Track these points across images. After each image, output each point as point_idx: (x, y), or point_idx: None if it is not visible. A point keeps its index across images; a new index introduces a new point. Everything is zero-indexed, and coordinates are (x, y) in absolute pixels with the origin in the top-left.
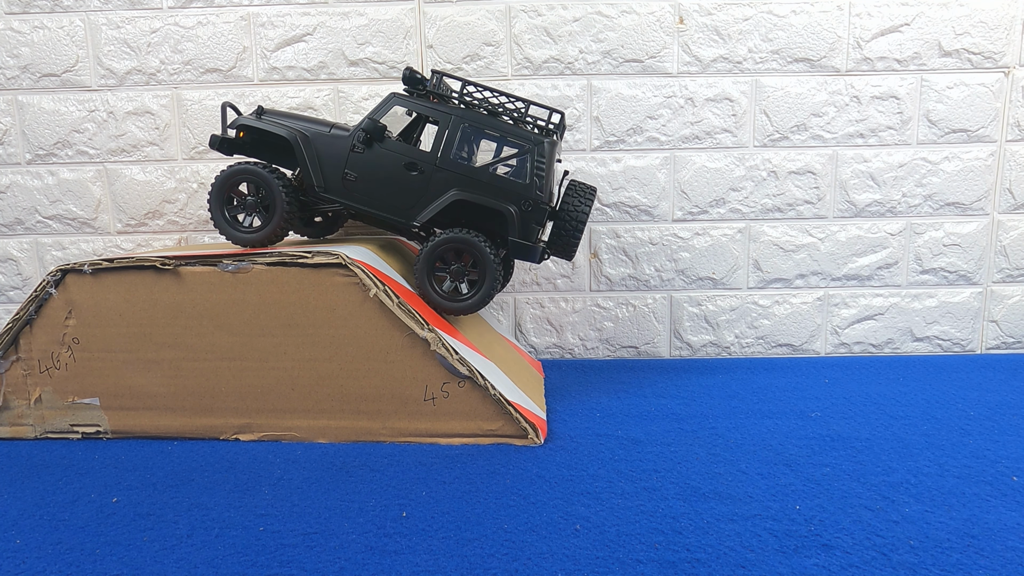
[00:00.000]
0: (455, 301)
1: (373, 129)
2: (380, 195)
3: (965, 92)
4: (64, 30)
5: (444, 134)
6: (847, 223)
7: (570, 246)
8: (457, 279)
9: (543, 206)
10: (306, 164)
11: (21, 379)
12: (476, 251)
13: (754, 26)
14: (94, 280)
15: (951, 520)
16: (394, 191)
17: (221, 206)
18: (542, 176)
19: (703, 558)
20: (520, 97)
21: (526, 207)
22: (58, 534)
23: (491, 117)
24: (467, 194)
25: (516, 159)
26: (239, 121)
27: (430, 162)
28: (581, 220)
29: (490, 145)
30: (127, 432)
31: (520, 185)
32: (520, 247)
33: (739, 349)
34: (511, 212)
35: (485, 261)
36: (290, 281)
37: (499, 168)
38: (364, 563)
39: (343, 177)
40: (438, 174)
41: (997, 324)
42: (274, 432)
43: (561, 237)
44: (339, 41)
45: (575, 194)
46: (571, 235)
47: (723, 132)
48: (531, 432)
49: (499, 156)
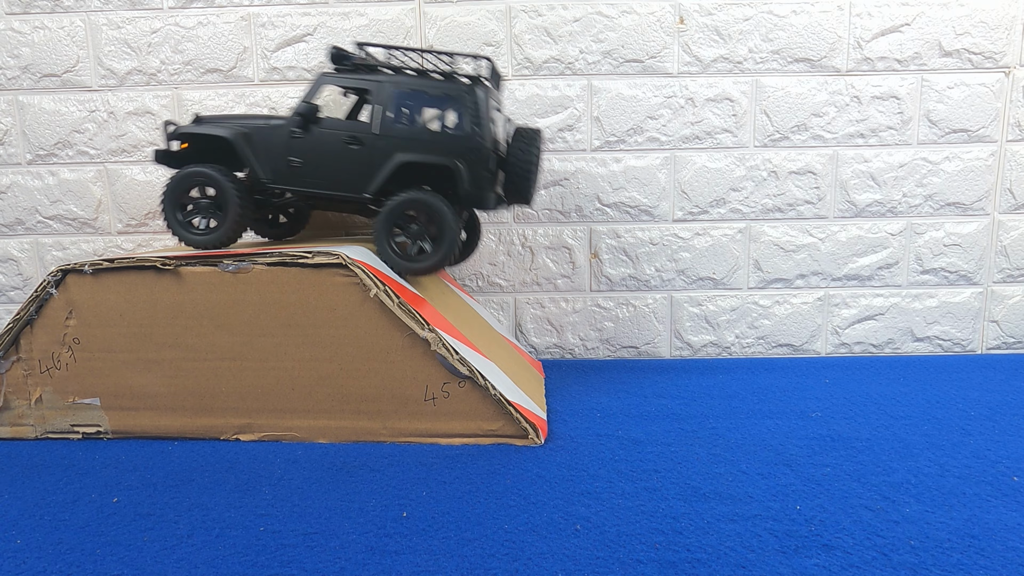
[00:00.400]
0: (415, 262)
1: (307, 111)
2: (327, 175)
3: (966, 92)
4: (65, 30)
5: (376, 102)
6: (847, 223)
7: (523, 191)
8: (418, 239)
9: (488, 153)
10: (250, 159)
11: (22, 379)
12: (432, 208)
13: (754, 26)
14: (94, 280)
15: (952, 520)
16: (340, 168)
17: (175, 210)
18: (479, 123)
19: (703, 558)
20: (443, 50)
21: (471, 157)
22: (58, 534)
23: (419, 77)
24: (410, 155)
25: (453, 113)
26: (179, 131)
27: (369, 132)
28: (529, 162)
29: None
30: (128, 432)
31: (461, 137)
32: (472, 196)
33: (739, 349)
34: (457, 165)
35: (443, 218)
36: (290, 281)
37: (439, 125)
38: (365, 563)
39: (288, 165)
40: (379, 143)
41: (998, 324)
42: (274, 432)
43: (513, 183)
44: (339, 41)
45: (520, 139)
46: (522, 179)
47: (723, 132)
48: (531, 432)
49: (434, 113)
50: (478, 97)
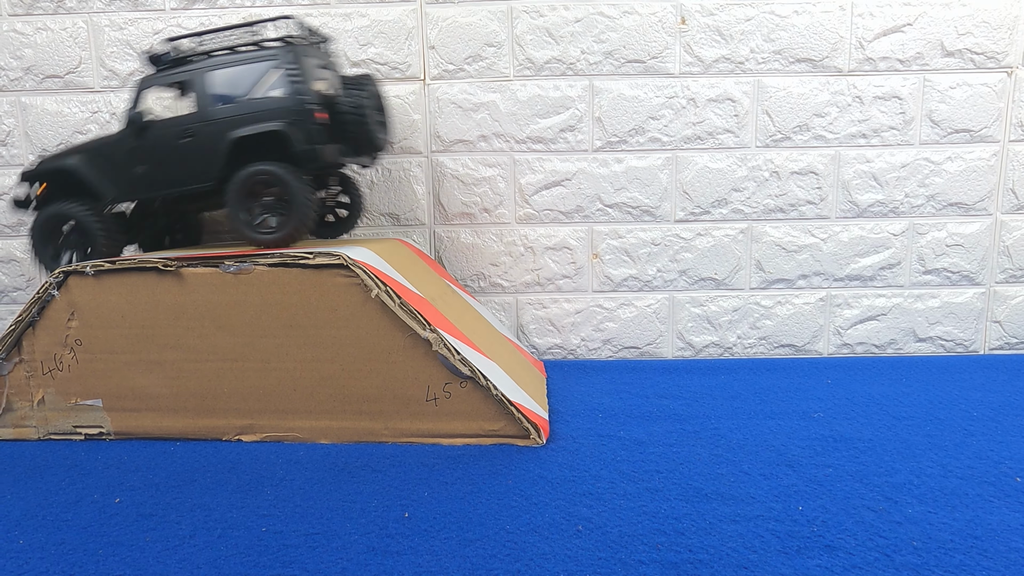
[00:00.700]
0: (271, 233)
1: (133, 119)
2: (173, 173)
3: (968, 92)
4: (67, 31)
5: (196, 90)
6: (849, 223)
7: (364, 137)
8: (270, 212)
9: (316, 109)
10: (96, 183)
11: (24, 381)
12: (276, 177)
13: (756, 26)
14: (96, 282)
15: (954, 521)
16: (181, 163)
17: (46, 248)
18: (298, 81)
19: (705, 559)
20: (243, 23)
21: (297, 117)
22: (61, 535)
23: (230, 54)
24: (239, 130)
25: (273, 78)
26: (26, 175)
27: (198, 121)
28: (360, 106)
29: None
30: (130, 433)
31: (284, 99)
32: (308, 154)
33: (741, 350)
34: (284, 128)
35: (289, 186)
36: (292, 282)
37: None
38: (366, 564)
39: (132, 176)
40: (207, 128)
41: (1000, 325)
42: (276, 433)
43: (353, 132)
44: (341, 42)
45: (348, 86)
46: (358, 125)
47: (725, 133)
48: (533, 432)
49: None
50: (290, 57)
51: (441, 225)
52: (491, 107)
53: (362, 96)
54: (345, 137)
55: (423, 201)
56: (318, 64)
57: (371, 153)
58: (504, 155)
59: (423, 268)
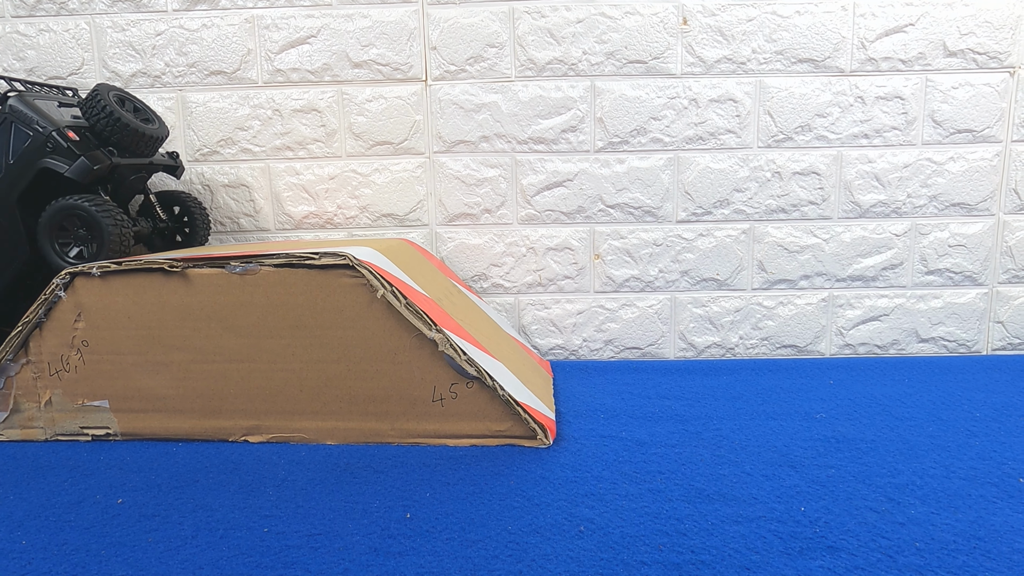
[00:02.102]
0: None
1: None
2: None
3: (970, 92)
4: (70, 33)
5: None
6: (852, 224)
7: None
8: (84, 244)
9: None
10: None
11: (31, 382)
12: (81, 211)
13: (758, 27)
14: (102, 283)
15: (957, 522)
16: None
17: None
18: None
19: (708, 560)
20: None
21: (52, 146)
22: (63, 535)
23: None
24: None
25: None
26: None
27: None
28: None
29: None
30: (137, 434)
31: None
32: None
33: (743, 350)
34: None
35: (93, 219)
36: (297, 283)
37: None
38: (368, 564)
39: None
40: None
41: (1003, 325)
42: (282, 434)
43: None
44: (343, 43)
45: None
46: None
47: (727, 133)
48: (540, 433)
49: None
50: (16, 107)
51: (443, 226)
52: (493, 108)
53: (101, 103)
54: (111, 141)
55: (425, 202)
56: (47, 100)
57: (145, 147)
58: (506, 156)
59: (429, 268)
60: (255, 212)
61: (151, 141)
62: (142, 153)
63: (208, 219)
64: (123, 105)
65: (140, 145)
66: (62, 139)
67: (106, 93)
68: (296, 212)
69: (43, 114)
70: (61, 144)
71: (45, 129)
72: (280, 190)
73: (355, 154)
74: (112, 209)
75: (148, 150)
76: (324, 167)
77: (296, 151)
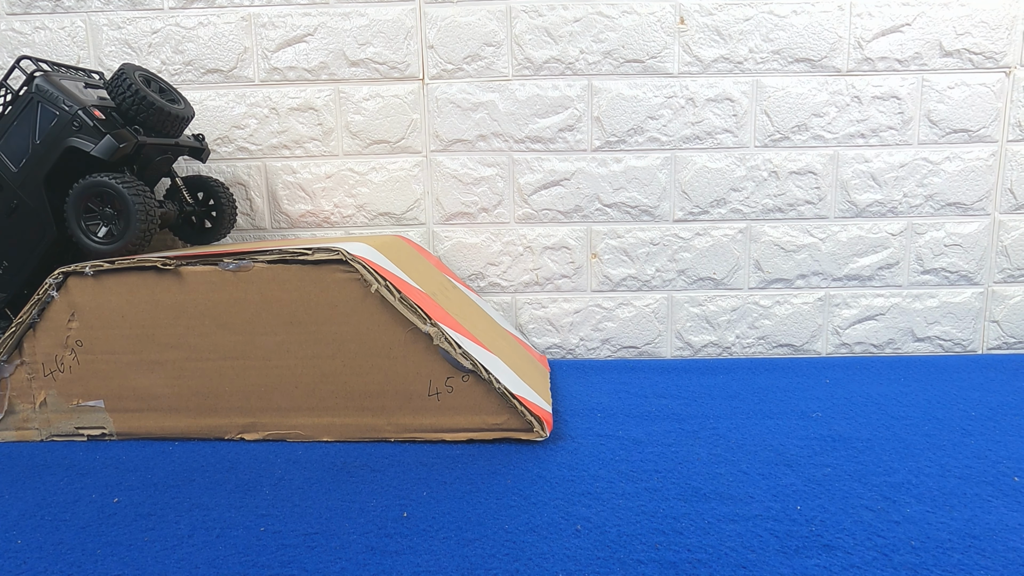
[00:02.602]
0: (108, 244)
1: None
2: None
3: (966, 92)
4: (65, 31)
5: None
6: (848, 223)
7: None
8: (111, 223)
9: (90, 110)
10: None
11: (25, 383)
12: (108, 188)
13: (755, 26)
14: (95, 282)
15: (952, 521)
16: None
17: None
18: (61, 101)
19: (704, 559)
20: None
21: (76, 127)
22: (59, 534)
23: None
24: (42, 170)
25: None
26: None
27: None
28: (128, 86)
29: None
30: (132, 434)
31: (53, 119)
32: (104, 150)
33: (740, 349)
34: (73, 143)
35: (120, 196)
36: (291, 279)
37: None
38: (365, 563)
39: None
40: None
41: (998, 324)
42: (278, 431)
43: (138, 114)
44: (340, 42)
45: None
46: (137, 104)
47: (724, 132)
48: (536, 425)
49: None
50: (42, 87)
51: (440, 224)
52: (490, 107)
53: (127, 82)
54: (137, 120)
55: (422, 200)
56: (73, 81)
57: (171, 127)
58: (503, 155)
59: (423, 263)
60: (252, 211)
61: (177, 120)
62: (168, 133)
63: (235, 206)
64: (149, 85)
65: (166, 124)
66: (88, 118)
67: (132, 72)
68: (293, 211)
69: (69, 93)
70: (87, 123)
71: (71, 108)
72: (277, 189)
73: (352, 153)
74: (139, 186)
75: (174, 130)
76: (321, 166)
77: (293, 150)
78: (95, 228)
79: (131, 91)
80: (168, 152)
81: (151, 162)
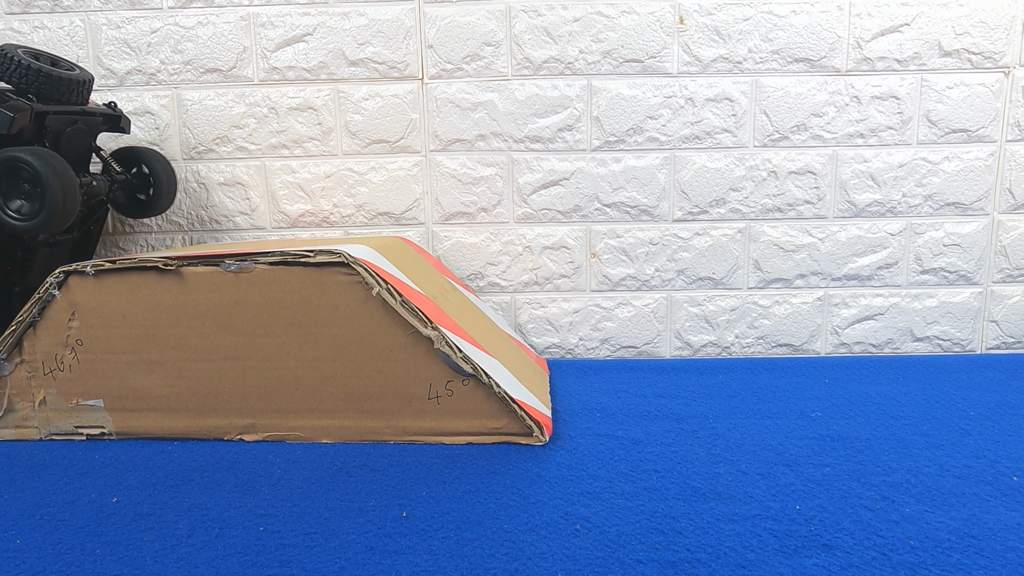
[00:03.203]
0: (28, 219)
1: None
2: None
3: (965, 92)
4: (64, 30)
5: None
6: (847, 223)
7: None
8: (28, 199)
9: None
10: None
11: (25, 381)
12: (15, 161)
13: (754, 26)
14: (96, 281)
15: (951, 520)
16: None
17: None
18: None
19: (703, 558)
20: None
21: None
22: (58, 534)
23: None
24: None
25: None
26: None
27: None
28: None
29: None
30: (132, 434)
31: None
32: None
33: (739, 349)
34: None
35: (28, 165)
36: (292, 280)
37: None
38: (364, 563)
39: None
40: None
41: (997, 324)
42: (278, 432)
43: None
44: (339, 41)
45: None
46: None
47: (723, 132)
48: (536, 430)
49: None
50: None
51: (439, 224)
52: (489, 106)
53: (7, 55)
54: (30, 91)
55: (421, 200)
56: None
57: (69, 94)
58: (502, 154)
59: (424, 265)
60: (251, 210)
61: (72, 84)
62: (68, 100)
63: (173, 174)
64: (38, 59)
65: (63, 91)
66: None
67: (13, 49)
68: (292, 210)
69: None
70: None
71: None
72: (276, 188)
73: (351, 152)
74: (52, 156)
75: (74, 96)
76: (320, 165)
77: (292, 149)
78: (10, 203)
79: (14, 63)
80: (78, 122)
81: (62, 135)
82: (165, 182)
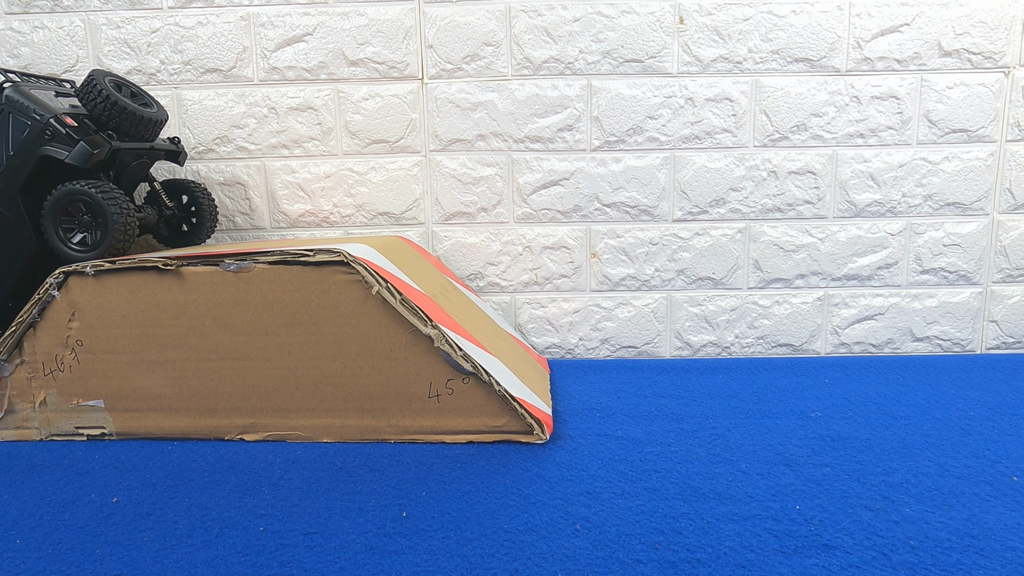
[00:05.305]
0: (86, 251)
1: None
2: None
3: (965, 92)
4: (64, 30)
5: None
6: (847, 223)
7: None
8: (88, 230)
9: (47, 122)
10: None
11: (25, 382)
12: (83, 196)
13: (754, 26)
14: (96, 282)
15: (951, 520)
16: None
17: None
18: (31, 110)
19: (703, 558)
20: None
21: (49, 136)
22: (58, 534)
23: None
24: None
25: (13, 122)
26: None
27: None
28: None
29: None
30: (132, 434)
31: (25, 129)
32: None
33: (739, 349)
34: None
35: (96, 203)
36: (292, 279)
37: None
38: (364, 563)
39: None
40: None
41: (997, 324)
42: (278, 432)
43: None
44: (339, 41)
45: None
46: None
47: (723, 132)
48: (537, 428)
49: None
50: (11, 97)
51: (439, 224)
52: (489, 106)
53: (97, 88)
54: (110, 126)
55: (421, 200)
56: (43, 90)
57: (144, 131)
58: (502, 154)
59: (424, 264)
60: (251, 210)
61: (150, 124)
62: (142, 137)
63: (215, 208)
64: (120, 90)
65: (139, 128)
66: (60, 126)
67: (102, 78)
68: (292, 210)
69: (40, 103)
70: (59, 131)
71: (42, 117)
72: (276, 188)
73: (351, 152)
74: (115, 192)
75: (148, 134)
76: (320, 165)
77: (292, 149)
78: (72, 236)
79: (102, 97)
80: (144, 156)
81: (127, 167)
82: (208, 216)
